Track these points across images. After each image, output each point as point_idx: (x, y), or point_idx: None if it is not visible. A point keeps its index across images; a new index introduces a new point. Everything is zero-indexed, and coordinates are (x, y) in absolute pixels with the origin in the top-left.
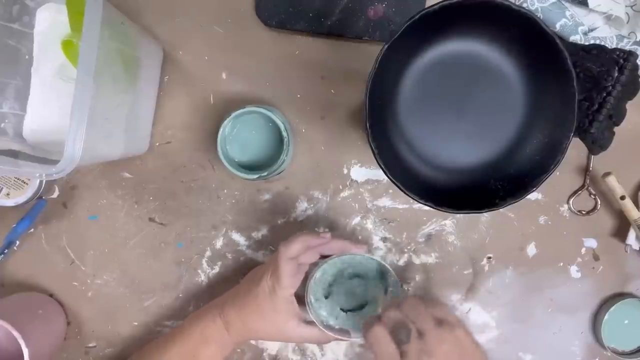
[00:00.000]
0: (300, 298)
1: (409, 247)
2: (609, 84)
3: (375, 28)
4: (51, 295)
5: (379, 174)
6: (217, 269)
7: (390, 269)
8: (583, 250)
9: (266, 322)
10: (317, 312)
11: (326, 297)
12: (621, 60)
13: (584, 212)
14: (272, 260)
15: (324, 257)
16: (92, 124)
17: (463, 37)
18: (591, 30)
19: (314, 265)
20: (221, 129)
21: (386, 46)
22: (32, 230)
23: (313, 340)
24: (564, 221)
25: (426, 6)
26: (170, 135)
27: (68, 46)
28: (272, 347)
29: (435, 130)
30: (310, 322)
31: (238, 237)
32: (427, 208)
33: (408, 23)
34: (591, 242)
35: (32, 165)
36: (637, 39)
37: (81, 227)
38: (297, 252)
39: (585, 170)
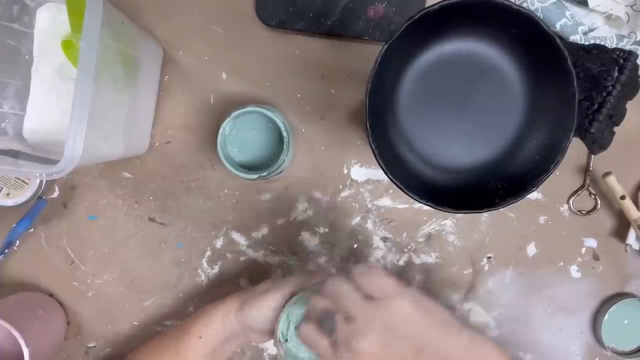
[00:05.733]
0: None
1: (409, 247)
2: (609, 83)
3: (375, 28)
4: (51, 295)
5: (379, 174)
6: (217, 269)
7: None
8: (583, 250)
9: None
10: (282, 337)
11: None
12: (621, 60)
13: (584, 212)
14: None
15: None
16: (92, 124)
17: (463, 37)
18: (591, 30)
19: None
20: (221, 129)
21: (386, 46)
22: (32, 230)
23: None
24: (564, 221)
25: (426, 6)
26: (170, 135)
27: (68, 46)
28: (272, 347)
29: (435, 130)
30: None
31: (238, 237)
32: (427, 208)
33: (408, 23)
34: (591, 242)
35: (32, 165)
36: (637, 39)
37: (81, 227)
38: (292, 291)
39: (585, 170)
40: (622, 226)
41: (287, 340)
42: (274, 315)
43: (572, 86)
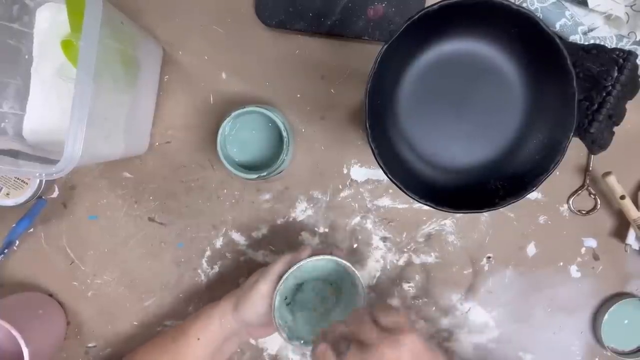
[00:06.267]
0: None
1: (409, 247)
2: (609, 83)
3: (375, 28)
4: (51, 295)
5: (379, 174)
6: (217, 269)
7: (356, 272)
8: (583, 250)
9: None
10: (280, 321)
11: (296, 310)
12: (621, 60)
13: (583, 212)
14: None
15: None
16: (92, 124)
17: (463, 37)
18: (591, 30)
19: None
20: (221, 129)
21: (386, 46)
22: (31, 230)
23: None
24: (564, 221)
25: (426, 6)
26: (170, 135)
27: (68, 46)
28: (272, 347)
29: (435, 130)
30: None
31: (238, 237)
32: (427, 208)
33: (408, 23)
34: (591, 242)
35: (32, 165)
36: (637, 39)
37: (81, 227)
38: (280, 271)
39: (585, 170)
40: (622, 226)
41: (286, 322)
42: (268, 305)
43: (571, 86)
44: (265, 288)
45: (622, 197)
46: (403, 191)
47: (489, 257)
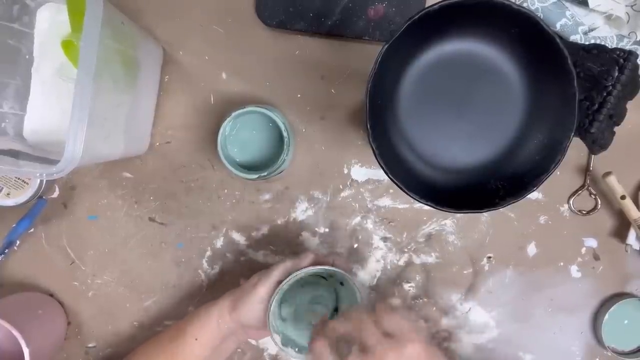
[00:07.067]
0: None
1: (409, 247)
2: (609, 83)
3: (375, 28)
4: (51, 295)
5: (380, 174)
6: (217, 269)
7: (349, 277)
8: (583, 250)
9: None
10: (275, 327)
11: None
12: (621, 60)
13: (584, 212)
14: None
15: None
16: (92, 124)
17: (463, 37)
18: (591, 30)
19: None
20: (221, 129)
21: (386, 46)
22: (32, 230)
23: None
24: (564, 221)
25: (426, 6)
26: (170, 135)
27: (68, 46)
28: (272, 347)
29: (435, 130)
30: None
31: (238, 237)
32: (427, 208)
33: (408, 23)
34: (591, 242)
35: (32, 165)
36: (637, 39)
37: (81, 227)
38: (280, 277)
39: (586, 170)
40: (622, 226)
41: (281, 329)
42: (264, 308)
43: (572, 86)
44: (263, 291)
45: (623, 197)
46: (404, 191)
47: (489, 257)
